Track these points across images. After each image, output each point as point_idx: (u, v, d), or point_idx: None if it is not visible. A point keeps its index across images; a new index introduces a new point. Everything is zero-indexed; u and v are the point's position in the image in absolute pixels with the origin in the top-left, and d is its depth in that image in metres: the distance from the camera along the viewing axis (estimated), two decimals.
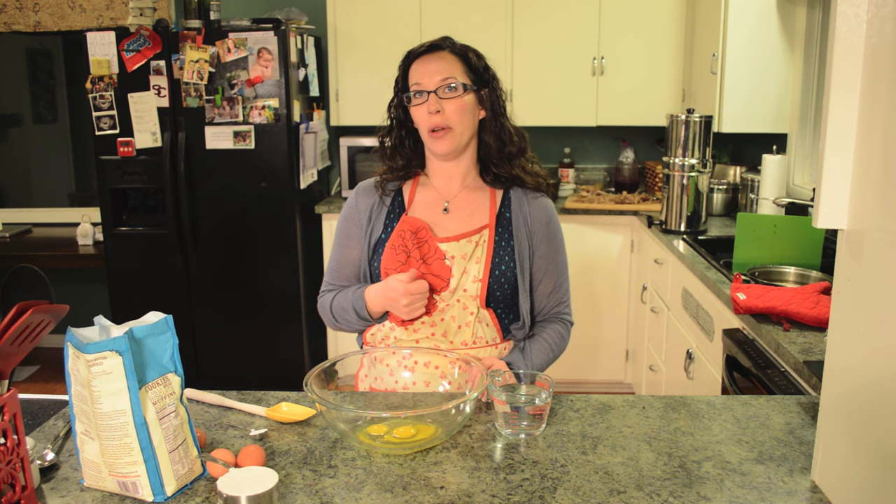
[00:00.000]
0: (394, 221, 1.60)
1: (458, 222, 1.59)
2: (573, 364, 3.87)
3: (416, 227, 1.56)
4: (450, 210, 1.60)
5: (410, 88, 1.54)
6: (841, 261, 1.03)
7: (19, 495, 0.99)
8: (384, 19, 3.92)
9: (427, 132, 1.53)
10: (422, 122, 1.54)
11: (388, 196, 1.63)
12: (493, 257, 1.55)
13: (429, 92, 1.51)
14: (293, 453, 1.18)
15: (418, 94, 1.53)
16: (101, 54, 3.47)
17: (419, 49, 1.56)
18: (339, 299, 1.62)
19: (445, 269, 1.53)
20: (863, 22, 0.95)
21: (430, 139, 1.54)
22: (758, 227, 2.50)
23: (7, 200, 4.67)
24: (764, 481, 1.09)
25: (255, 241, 3.64)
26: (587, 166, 4.38)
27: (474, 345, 1.54)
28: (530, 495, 1.05)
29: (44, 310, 1.03)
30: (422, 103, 1.52)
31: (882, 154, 0.93)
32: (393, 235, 1.57)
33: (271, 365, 3.74)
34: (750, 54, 3.34)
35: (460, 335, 1.54)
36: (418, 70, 1.53)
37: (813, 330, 1.82)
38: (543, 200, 1.64)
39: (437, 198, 1.62)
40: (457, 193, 1.62)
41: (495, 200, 1.61)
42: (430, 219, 1.59)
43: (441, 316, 1.54)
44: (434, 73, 1.52)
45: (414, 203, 1.62)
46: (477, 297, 1.54)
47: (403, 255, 1.55)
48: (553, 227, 1.62)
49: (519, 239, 1.57)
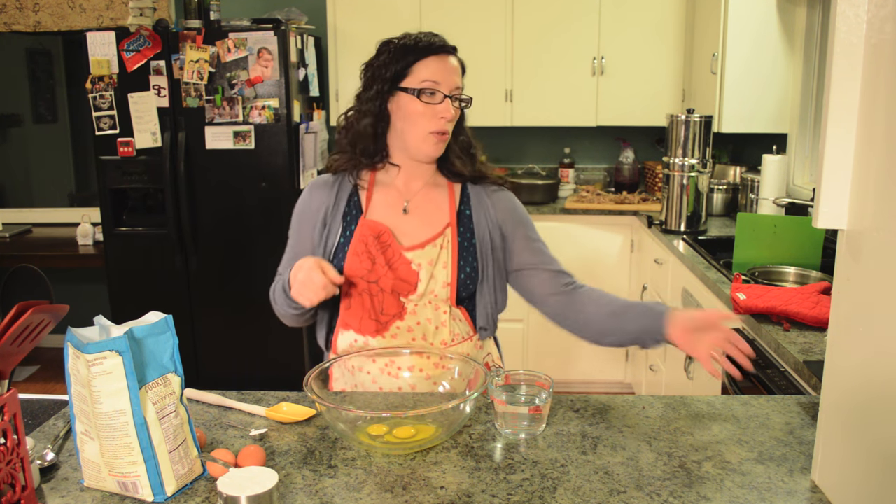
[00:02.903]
0: (351, 224, 1.55)
1: (420, 223, 1.55)
2: (573, 364, 3.87)
3: (377, 231, 1.52)
4: (409, 210, 1.57)
5: (419, 84, 1.47)
6: (841, 261, 1.03)
7: (19, 495, 0.99)
8: (384, 19, 3.92)
9: (427, 133, 1.49)
10: (425, 122, 1.48)
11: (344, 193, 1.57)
12: (459, 260, 1.53)
13: (445, 95, 1.48)
14: (293, 453, 1.18)
15: (431, 93, 1.48)
16: (101, 54, 3.47)
17: (432, 44, 1.50)
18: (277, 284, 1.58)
19: (413, 274, 1.51)
20: (863, 22, 0.95)
21: (430, 141, 1.50)
22: (758, 227, 2.50)
23: (7, 200, 4.67)
24: (764, 481, 1.09)
25: (255, 241, 3.64)
26: (587, 166, 4.38)
27: (453, 342, 1.54)
28: (530, 495, 1.05)
29: (44, 310, 1.03)
30: (435, 103, 1.48)
31: (882, 154, 0.93)
32: (354, 241, 1.52)
33: (271, 365, 3.74)
34: (750, 54, 3.34)
35: (439, 335, 1.53)
36: (437, 69, 1.48)
37: (813, 330, 1.82)
38: (503, 192, 1.62)
39: (395, 197, 1.58)
40: (416, 192, 1.58)
41: (454, 197, 1.58)
42: (389, 221, 1.54)
43: (416, 319, 1.52)
44: (453, 75, 1.49)
45: (371, 204, 1.57)
46: (447, 299, 1.53)
47: (369, 262, 1.51)
48: (520, 211, 1.61)
49: (481, 235, 1.55)
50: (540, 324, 3.83)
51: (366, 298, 1.52)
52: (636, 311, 1.49)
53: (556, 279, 1.57)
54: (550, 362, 3.85)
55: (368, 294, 1.52)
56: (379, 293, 1.52)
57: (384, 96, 1.51)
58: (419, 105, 1.48)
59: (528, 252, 1.58)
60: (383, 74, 1.50)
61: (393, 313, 1.52)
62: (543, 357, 3.86)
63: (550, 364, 3.84)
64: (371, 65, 1.55)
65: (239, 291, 3.69)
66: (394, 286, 1.51)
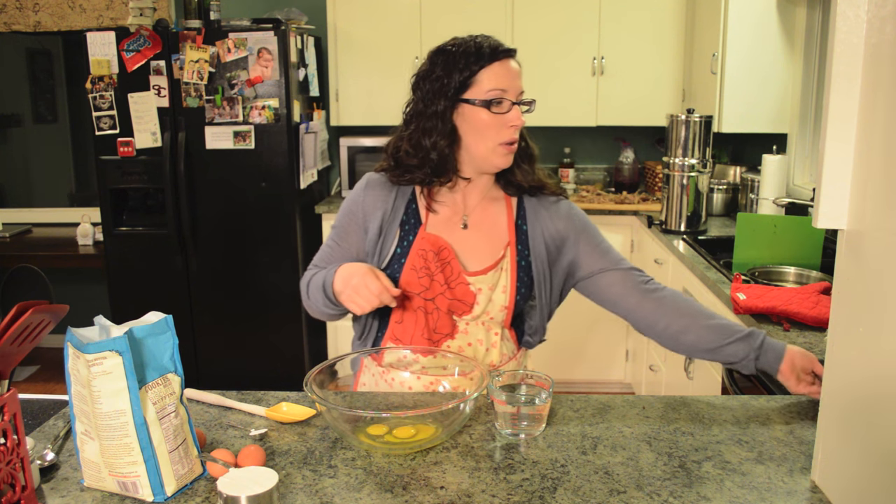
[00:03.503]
0: (409, 235, 1.48)
1: (480, 241, 1.50)
2: (573, 364, 3.88)
3: (438, 247, 1.46)
4: (469, 226, 1.50)
5: (487, 94, 1.39)
6: (841, 261, 1.03)
7: (19, 495, 0.99)
8: (384, 19, 3.92)
9: (497, 144, 1.41)
10: (494, 133, 1.40)
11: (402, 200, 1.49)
12: (517, 282, 1.49)
13: (513, 102, 1.40)
14: (293, 453, 1.18)
15: (498, 102, 1.39)
16: (101, 54, 3.47)
17: (499, 50, 1.40)
18: (319, 274, 1.48)
19: (470, 295, 1.46)
20: (863, 22, 0.95)
21: (500, 152, 1.42)
22: (758, 227, 2.50)
23: (7, 200, 4.67)
24: (764, 481, 1.09)
25: (255, 241, 3.64)
26: (587, 166, 4.38)
27: (501, 363, 1.53)
28: (530, 495, 1.05)
29: (44, 310, 1.03)
30: (503, 113, 1.40)
31: (882, 154, 0.93)
32: (412, 254, 1.46)
33: (271, 365, 3.74)
34: (750, 54, 3.34)
35: (489, 356, 1.51)
36: (501, 74, 1.40)
37: (813, 330, 1.82)
38: (562, 202, 1.54)
39: (453, 211, 1.51)
40: (475, 206, 1.52)
41: (511, 211, 1.52)
42: (449, 236, 1.48)
43: (467, 340, 1.50)
44: (516, 78, 1.41)
45: (430, 217, 1.50)
46: (502, 322, 1.51)
47: (427, 279, 1.45)
48: (581, 218, 1.53)
49: (537, 252, 1.49)
50: None
51: (420, 315, 1.48)
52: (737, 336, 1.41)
53: (629, 277, 1.48)
54: (550, 362, 3.85)
55: (423, 311, 1.48)
56: (434, 311, 1.48)
57: (450, 110, 1.42)
58: (488, 116, 1.40)
59: (594, 256, 1.50)
60: (446, 86, 1.40)
61: (445, 332, 1.49)
62: (543, 357, 3.85)
63: (550, 364, 3.84)
64: (427, 76, 1.43)
65: (239, 291, 3.69)
66: (450, 306, 1.47)
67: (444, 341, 1.49)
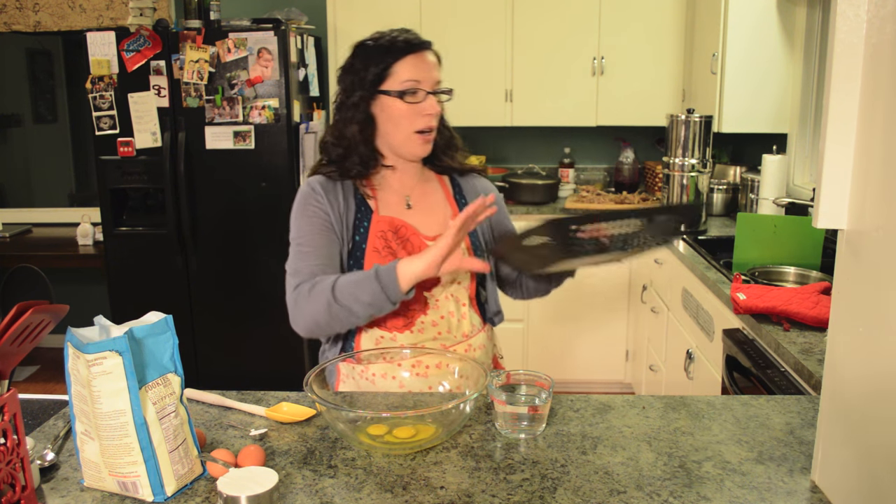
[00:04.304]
0: (363, 221, 1.53)
1: (427, 216, 1.58)
2: (573, 364, 3.87)
3: (395, 226, 1.53)
4: (412, 206, 1.59)
5: (401, 85, 1.47)
6: (841, 261, 1.03)
7: (19, 495, 0.99)
8: (384, 19, 3.87)
9: (413, 132, 1.49)
10: (409, 122, 1.48)
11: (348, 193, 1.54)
12: (472, 247, 1.58)
13: (427, 92, 1.48)
14: (293, 453, 1.18)
15: (413, 92, 1.47)
16: (101, 54, 3.47)
17: (409, 43, 1.49)
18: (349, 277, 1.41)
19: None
20: (863, 22, 0.95)
21: (416, 140, 1.50)
22: (758, 227, 2.50)
23: (7, 200, 4.67)
24: (764, 481, 1.09)
25: (255, 241, 3.64)
26: (587, 166, 4.38)
27: (472, 334, 1.57)
28: (530, 495, 1.05)
29: (44, 310, 1.03)
30: (418, 102, 1.48)
31: (882, 154, 0.93)
32: (371, 237, 1.51)
33: (271, 365, 3.74)
34: (750, 54, 3.34)
35: (461, 327, 1.56)
36: (414, 67, 1.48)
37: (813, 330, 1.82)
38: (484, 179, 1.71)
39: (395, 194, 1.58)
40: (414, 186, 1.60)
41: (447, 188, 1.64)
42: (399, 216, 1.56)
43: (440, 313, 1.54)
44: (431, 70, 1.50)
45: (378, 203, 1.56)
46: (468, 288, 1.57)
47: (391, 257, 1.49)
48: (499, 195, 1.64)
49: (480, 224, 1.55)
50: (540, 324, 3.83)
51: None
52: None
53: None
54: (550, 362, 3.85)
55: None
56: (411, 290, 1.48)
57: (367, 101, 1.49)
58: (403, 106, 1.47)
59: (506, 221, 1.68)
60: (363, 78, 1.48)
61: (418, 308, 1.53)
62: (543, 357, 3.86)
63: (550, 364, 3.84)
64: (348, 70, 1.51)
65: (239, 291, 3.69)
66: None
67: (417, 316, 1.53)
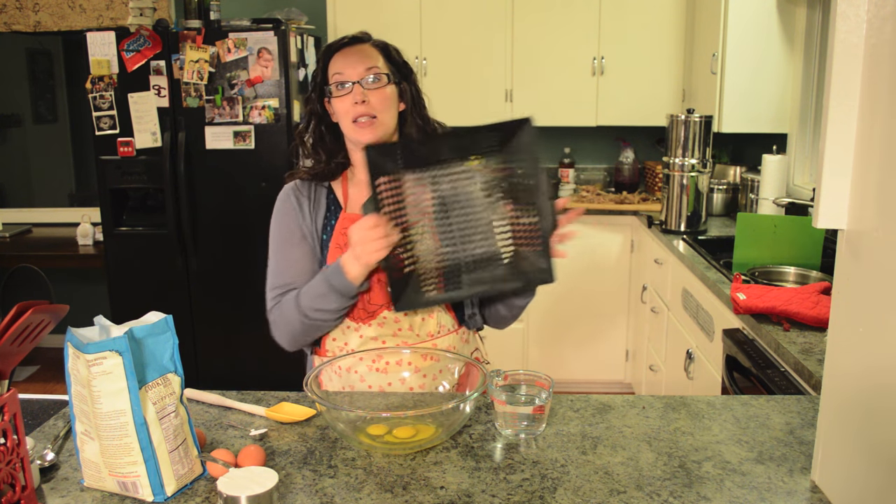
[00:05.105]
0: (331, 219, 1.57)
1: None
2: (573, 364, 3.88)
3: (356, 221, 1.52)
4: None
5: (331, 80, 1.53)
6: (841, 261, 1.03)
7: (19, 495, 0.99)
8: (384, 19, 3.92)
9: (350, 122, 1.52)
10: (345, 112, 1.52)
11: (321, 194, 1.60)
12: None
13: (353, 82, 1.51)
14: (293, 453, 1.18)
15: (340, 86, 1.52)
16: (101, 54, 3.47)
17: (340, 41, 1.56)
18: (305, 292, 1.50)
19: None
20: (863, 22, 0.95)
21: (355, 129, 1.52)
22: (758, 227, 2.50)
23: (7, 200, 4.67)
24: (764, 481, 1.09)
25: (255, 241, 3.63)
26: (587, 166, 4.38)
27: (438, 334, 1.55)
28: (530, 495, 1.05)
29: (44, 310, 1.03)
30: (345, 94, 1.51)
31: (882, 154, 0.93)
32: (335, 234, 1.54)
33: (271, 365, 3.73)
34: (750, 54, 3.34)
35: (425, 326, 1.54)
36: (340, 62, 1.53)
37: (813, 330, 1.82)
38: None
39: (365, 190, 1.58)
40: None
41: None
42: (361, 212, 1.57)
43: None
44: (357, 63, 1.52)
45: (349, 200, 1.60)
46: None
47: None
48: None
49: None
50: (540, 324, 3.83)
51: None
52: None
53: None
54: (550, 362, 3.85)
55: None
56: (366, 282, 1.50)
57: (321, 100, 1.58)
58: (336, 100, 1.53)
59: None
60: (316, 80, 1.58)
61: (381, 303, 1.52)
62: (543, 357, 3.86)
63: (550, 364, 3.84)
64: (313, 75, 1.61)
65: (239, 291, 3.69)
66: (379, 276, 1.50)
67: (380, 312, 1.52)
